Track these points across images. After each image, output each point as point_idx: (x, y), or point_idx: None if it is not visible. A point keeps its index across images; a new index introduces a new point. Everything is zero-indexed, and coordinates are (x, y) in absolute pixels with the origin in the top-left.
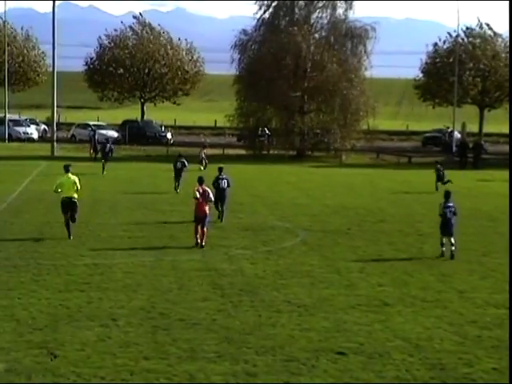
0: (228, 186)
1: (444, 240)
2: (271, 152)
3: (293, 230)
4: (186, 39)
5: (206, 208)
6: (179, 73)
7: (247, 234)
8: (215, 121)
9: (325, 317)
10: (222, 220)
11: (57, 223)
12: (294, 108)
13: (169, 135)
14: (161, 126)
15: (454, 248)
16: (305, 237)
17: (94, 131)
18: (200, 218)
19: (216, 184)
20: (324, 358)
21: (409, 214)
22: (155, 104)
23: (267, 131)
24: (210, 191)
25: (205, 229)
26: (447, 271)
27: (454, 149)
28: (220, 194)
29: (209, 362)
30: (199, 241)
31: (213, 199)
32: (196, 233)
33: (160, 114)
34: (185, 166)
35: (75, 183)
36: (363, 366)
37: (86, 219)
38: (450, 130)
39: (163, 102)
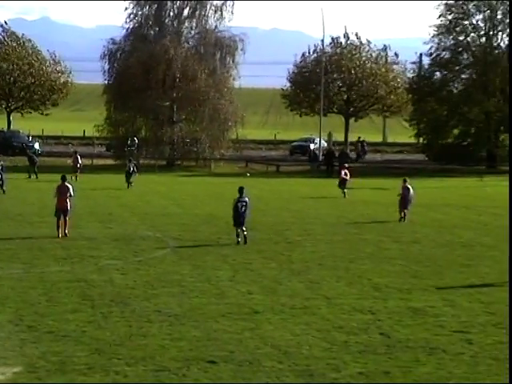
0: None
1: (238, 231)
2: (141, 162)
3: (163, 240)
4: (47, 50)
5: (66, 202)
6: (46, 83)
7: (117, 244)
8: (84, 130)
9: (195, 326)
10: None
11: None
12: (164, 117)
13: (36, 145)
14: (28, 136)
15: (245, 233)
16: (175, 246)
17: None
18: (61, 210)
19: None
20: (195, 367)
21: (277, 223)
22: (22, 114)
23: (136, 141)
24: (70, 187)
25: (67, 219)
26: (315, 278)
27: (321, 157)
28: None
29: (79, 375)
30: (61, 232)
31: (73, 194)
32: (58, 226)
33: (27, 124)
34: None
35: None
36: (234, 374)
37: None
38: (312, 138)
39: (31, 112)
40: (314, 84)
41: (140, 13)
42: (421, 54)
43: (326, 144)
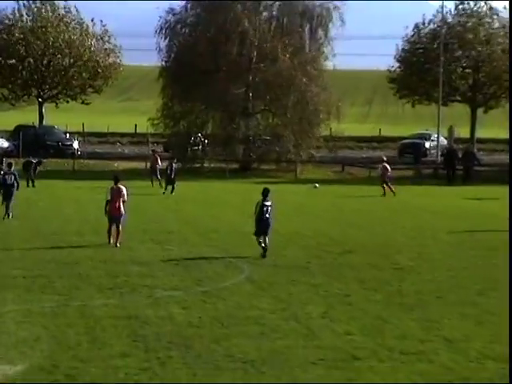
0: (16, 182)
1: (261, 240)
2: (207, 165)
3: (236, 265)
4: (101, 20)
5: (120, 207)
6: (89, 64)
7: (177, 270)
8: (135, 125)
9: (277, 375)
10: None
11: None
12: (237, 108)
13: (75, 145)
14: (65, 133)
15: (266, 245)
16: (251, 273)
17: None
18: (113, 218)
19: (3, 179)
20: None
21: (383, 244)
22: (57, 104)
23: (202, 138)
24: (124, 189)
25: (120, 228)
26: (433, 315)
27: (440, 159)
28: (8, 191)
29: None
30: (112, 240)
31: (126, 198)
32: (109, 231)
33: (64, 118)
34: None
35: None
36: None
37: None
38: (428, 134)
39: (68, 102)
40: (431, 64)
41: None
42: None
43: (445, 141)
